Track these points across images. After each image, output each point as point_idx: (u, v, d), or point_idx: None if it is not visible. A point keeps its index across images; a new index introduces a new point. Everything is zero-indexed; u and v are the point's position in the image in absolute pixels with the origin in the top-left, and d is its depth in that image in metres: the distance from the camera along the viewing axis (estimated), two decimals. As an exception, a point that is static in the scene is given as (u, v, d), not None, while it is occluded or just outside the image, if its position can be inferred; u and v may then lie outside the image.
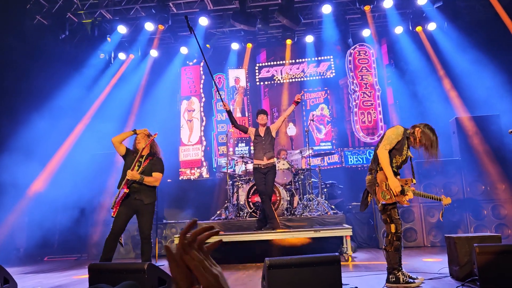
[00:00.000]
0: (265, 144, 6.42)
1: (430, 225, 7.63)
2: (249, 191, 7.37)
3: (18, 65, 8.73)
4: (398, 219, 4.07)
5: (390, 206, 4.04)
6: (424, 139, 4.05)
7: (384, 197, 4.01)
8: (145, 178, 4.75)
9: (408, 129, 4.18)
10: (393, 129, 4.15)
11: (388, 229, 4.06)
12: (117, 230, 4.68)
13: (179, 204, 9.48)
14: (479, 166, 7.68)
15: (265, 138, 6.44)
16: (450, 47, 9.55)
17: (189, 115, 11.00)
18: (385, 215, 4.07)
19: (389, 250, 4.02)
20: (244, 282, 4.69)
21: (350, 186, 9.01)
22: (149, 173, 4.84)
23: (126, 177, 4.71)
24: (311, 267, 3.59)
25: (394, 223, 4.02)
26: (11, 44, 8.43)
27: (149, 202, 4.83)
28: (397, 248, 4.01)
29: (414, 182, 4.13)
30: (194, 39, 10.28)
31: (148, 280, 3.61)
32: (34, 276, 6.24)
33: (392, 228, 4.02)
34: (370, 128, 10.08)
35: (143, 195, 4.79)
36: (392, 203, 4.04)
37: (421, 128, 4.10)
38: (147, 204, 4.82)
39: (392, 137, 4.07)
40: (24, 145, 7.92)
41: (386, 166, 4.00)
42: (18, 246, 8.73)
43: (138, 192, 4.78)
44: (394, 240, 4.01)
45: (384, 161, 4.01)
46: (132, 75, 10.79)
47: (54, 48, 9.37)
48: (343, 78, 10.66)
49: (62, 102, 9.06)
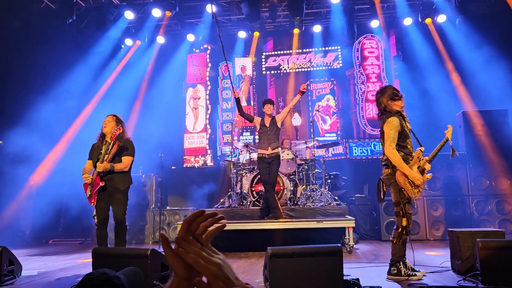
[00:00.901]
0: (270, 134, 6.41)
1: (433, 219, 7.63)
2: (252, 180, 7.38)
3: (24, 49, 8.73)
4: (411, 214, 4.10)
5: (404, 200, 4.05)
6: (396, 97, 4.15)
7: (415, 194, 4.02)
8: (115, 166, 4.82)
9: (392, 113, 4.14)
10: (388, 125, 4.07)
11: (399, 222, 4.07)
12: (102, 219, 4.87)
13: (183, 191, 9.53)
14: (485, 161, 7.64)
15: (270, 128, 6.43)
16: (459, 40, 9.43)
17: (194, 102, 10.98)
18: (398, 208, 4.08)
19: (396, 242, 4.05)
20: (246, 270, 4.72)
21: (354, 177, 9.00)
22: (119, 158, 4.91)
23: (97, 170, 4.77)
24: (313, 257, 3.60)
25: (407, 217, 4.04)
26: (17, 28, 8.43)
27: (124, 187, 4.95)
28: (404, 242, 4.04)
29: (423, 149, 4.14)
30: (201, 26, 10.29)
31: (151, 265, 3.65)
32: (38, 259, 6.32)
33: (403, 222, 4.04)
34: (376, 120, 9.99)
35: (117, 182, 4.89)
36: (408, 198, 4.05)
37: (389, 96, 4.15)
38: (123, 189, 4.93)
39: (392, 133, 4.04)
40: (31, 128, 7.96)
41: (401, 165, 3.97)
42: (23, 229, 8.82)
43: (112, 180, 4.88)
44: (403, 234, 4.03)
45: (397, 161, 3.99)
46: (138, 61, 10.77)
47: (61, 33, 9.35)
48: (350, 69, 10.58)
49: (68, 87, 9.08)
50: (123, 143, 4.94)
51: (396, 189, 4.07)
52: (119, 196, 4.91)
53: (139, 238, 8.39)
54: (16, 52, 8.79)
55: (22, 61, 8.77)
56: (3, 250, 4.34)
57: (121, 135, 4.96)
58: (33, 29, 8.67)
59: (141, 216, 8.48)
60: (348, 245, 6.02)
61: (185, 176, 10.14)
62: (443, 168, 7.76)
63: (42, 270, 5.11)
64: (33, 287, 3.93)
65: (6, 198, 8.19)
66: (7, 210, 8.22)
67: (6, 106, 8.25)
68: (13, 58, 8.70)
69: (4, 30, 8.32)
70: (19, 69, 8.72)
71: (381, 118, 4.28)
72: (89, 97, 9.98)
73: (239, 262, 5.35)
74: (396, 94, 4.18)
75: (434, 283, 3.72)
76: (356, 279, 3.62)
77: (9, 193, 8.18)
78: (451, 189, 7.67)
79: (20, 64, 8.76)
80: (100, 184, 4.77)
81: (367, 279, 3.92)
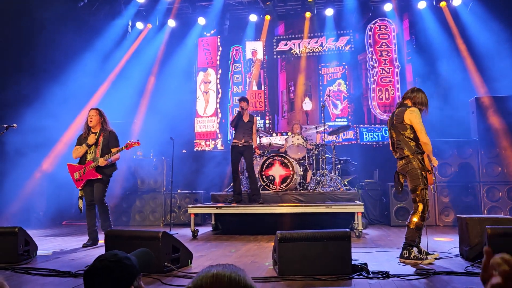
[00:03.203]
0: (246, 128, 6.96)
1: (443, 205, 7.62)
2: (263, 165, 7.42)
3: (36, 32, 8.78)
4: (428, 200, 4.17)
5: (421, 186, 4.13)
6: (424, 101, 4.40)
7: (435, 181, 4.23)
8: (112, 159, 5.70)
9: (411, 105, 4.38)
10: (414, 115, 4.25)
11: (416, 208, 4.17)
12: (90, 201, 5.75)
13: (193, 175, 9.62)
14: (497, 148, 7.57)
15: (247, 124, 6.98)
16: (474, 24, 9.23)
17: (205, 86, 10.99)
18: (415, 195, 4.18)
19: (411, 227, 4.13)
20: (255, 253, 4.79)
21: (364, 163, 8.98)
22: (107, 149, 5.71)
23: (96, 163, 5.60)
24: (322, 241, 3.65)
25: (423, 203, 4.12)
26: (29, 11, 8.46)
27: (110, 173, 5.80)
28: (418, 227, 4.11)
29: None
30: (212, 9, 10.22)
31: (163, 247, 3.73)
32: (53, 239, 6.48)
33: (420, 207, 4.13)
34: (387, 105, 9.95)
35: (106, 169, 5.72)
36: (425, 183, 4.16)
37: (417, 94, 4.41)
38: (108, 175, 5.77)
39: (418, 119, 4.23)
40: (44, 112, 8.05)
41: (430, 147, 4.19)
42: (38, 210, 9.01)
43: (100, 168, 5.67)
44: (419, 219, 4.11)
45: (428, 142, 4.17)
46: (149, 45, 10.77)
47: (73, 15, 9.37)
48: (362, 54, 10.45)
49: (79, 71, 9.13)
50: (107, 134, 5.76)
51: (415, 175, 4.16)
52: (105, 178, 5.73)
53: (150, 220, 8.54)
54: (28, 35, 8.84)
55: (34, 44, 8.82)
56: (19, 231, 4.46)
57: (105, 127, 5.80)
58: (45, 12, 8.69)
59: (152, 199, 8.61)
60: (357, 230, 6.06)
61: (195, 160, 10.22)
62: (454, 154, 7.71)
63: (56, 250, 5.25)
64: (48, 266, 4.04)
65: (21, 180, 8.34)
66: (22, 192, 8.38)
67: (19, 89, 8.34)
68: (25, 41, 8.75)
69: (17, 13, 8.36)
70: (32, 52, 8.78)
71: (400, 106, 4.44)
72: (101, 80, 10.05)
73: (249, 245, 5.42)
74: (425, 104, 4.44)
75: (442, 269, 3.74)
76: (364, 264, 3.67)
77: (24, 175, 8.33)
78: (462, 175, 7.64)
79: (32, 47, 8.81)
80: (98, 176, 5.63)
81: (375, 264, 3.96)
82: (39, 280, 3.58)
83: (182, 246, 4.07)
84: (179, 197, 8.46)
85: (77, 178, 5.74)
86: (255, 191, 6.89)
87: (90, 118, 5.73)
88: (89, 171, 5.65)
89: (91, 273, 1.33)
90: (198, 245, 5.56)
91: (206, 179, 9.34)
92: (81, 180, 5.70)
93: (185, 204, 8.20)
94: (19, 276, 3.74)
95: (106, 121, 5.85)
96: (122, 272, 1.33)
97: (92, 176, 5.65)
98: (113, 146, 5.74)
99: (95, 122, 5.73)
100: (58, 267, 4.00)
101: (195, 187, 9.20)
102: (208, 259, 4.49)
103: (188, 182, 9.41)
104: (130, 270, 1.36)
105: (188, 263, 4.13)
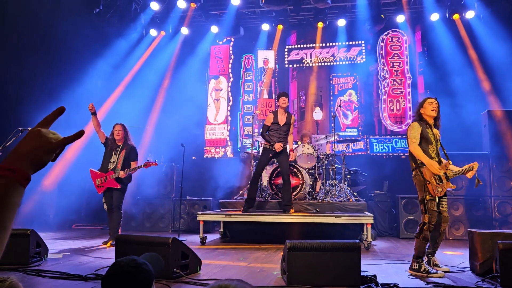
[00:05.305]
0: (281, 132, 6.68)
1: (453, 218, 7.55)
2: (272, 173, 7.43)
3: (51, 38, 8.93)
4: (435, 211, 4.17)
5: (428, 197, 4.16)
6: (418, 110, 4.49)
7: (438, 192, 4.16)
8: (131, 172, 6.31)
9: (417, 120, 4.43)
10: (409, 128, 4.39)
11: (422, 219, 4.20)
12: (110, 205, 6.33)
13: (203, 182, 9.64)
14: (509, 162, 7.50)
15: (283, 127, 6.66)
16: (487, 38, 9.20)
17: (216, 94, 11.06)
18: (422, 206, 4.23)
19: (418, 238, 4.16)
20: (264, 262, 4.79)
21: (374, 174, 8.94)
22: (128, 162, 6.35)
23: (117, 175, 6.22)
24: (331, 252, 3.64)
25: (429, 214, 4.14)
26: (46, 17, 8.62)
27: (127, 183, 6.42)
28: (425, 238, 4.13)
29: (450, 162, 4.31)
30: (225, 18, 10.31)
31: (172, 253, 3.75)
32: (63, 242, 6.54)
33: (425, 218, 4.16)
34: (398, 116, 9.93)
35: (125, 180, 6.35)
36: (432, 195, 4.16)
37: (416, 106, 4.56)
38: (126, 184, 6.39)
39: (412, 132, 4.30)
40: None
41: (422, 156, 4.20)
42: (47, 213, 9.09)
43: (120, 178, 6.30)
44: (424, 230, 4.12)
45: (418, 153, 4.22)
46: (162, 52, 10.90)
47: (88, 22, 9.52)
48: (373, 64, 10.46)
49: (93, 77, 9.26)
50: (129, 149, 6.39)
51: (421, 187, 4.22)
52: (120, 189, 6.33)
53: (159, 226, 8.57)
54: (43, 41, 9.00)
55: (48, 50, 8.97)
56: (31, 233, 4.52)
57: (127, 141, 6.42)
58: (61, 18, 8.85)
59: (161, 204, 8.64)
60: (366, 241, 6.02)
61: (205, 167, 10.24)
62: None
63: (67, 254, 5.29)
64: (59, 269, 4.08)
65: (32, 183, 8.40)
66: (33, 195, 8.47)
67: (34, 92, 8.47)
68: (39, 47, 8.90)
69: (33, 19, 8.52)
70: (45, 57, 8.93)
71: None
72: (114, 86, 10.17)
73: (257, 253, 5.42)
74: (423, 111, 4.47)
75: (452, 283, 3.71)
76: (373, 275, 3.65)
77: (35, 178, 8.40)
78: (473, 188, 7.54)
79: (46, 53, 8.96)
80: (117, 186, 6.26)
81: (384, 276, 3.94)
82: (50, 283, 3.62)
83: (191, 252, 4.08)
84: (188, 203, 8.48)
85: (98, 184, 6.34)
86: (289, 202, 6.57)
87: (117, 132, 6.38)
88: (110, 180, 6.28)
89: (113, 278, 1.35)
90: (207, 252, 5.58)
91: (215, 186, 9.36)
92: (102, 186, 6.32)
93: (194, 211, 8.22)
94: (30, 278, 3.79)
95: (129, 136, 6.50)
96: (142, 277, 1.36)
97: (112, 185, 6.27)
98: (132, 160, 6.39)
99: (121, 136, 6.39)
100: (69, 270, 4.04)
101: (204, 194, 9.21)
102: (216, 267, 4.50)
103: (197, 189, 9.44)
104: (149, 275, 1.38)
105: (197, 269, 4.14)
